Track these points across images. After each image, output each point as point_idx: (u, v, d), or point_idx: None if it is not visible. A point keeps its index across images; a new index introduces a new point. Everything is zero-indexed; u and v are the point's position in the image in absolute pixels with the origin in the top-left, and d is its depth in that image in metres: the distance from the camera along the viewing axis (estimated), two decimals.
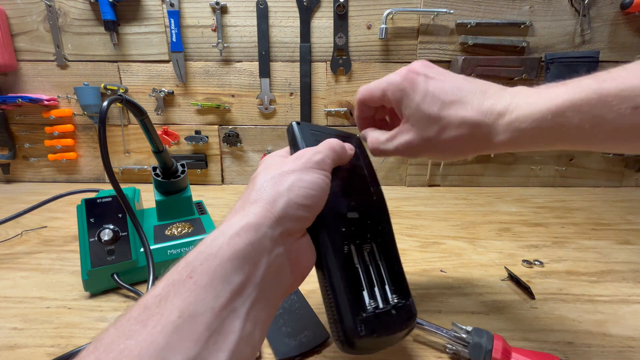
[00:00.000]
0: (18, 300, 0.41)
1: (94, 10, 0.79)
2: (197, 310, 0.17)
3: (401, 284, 0.29)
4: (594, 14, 0.78)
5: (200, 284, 0.18)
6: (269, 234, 0.21)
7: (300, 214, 0.23)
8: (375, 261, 0.29)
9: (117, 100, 0.36)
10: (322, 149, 0.27)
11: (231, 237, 0.20)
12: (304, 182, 0.24)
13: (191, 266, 0.19)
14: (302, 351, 0.32)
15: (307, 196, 0.23)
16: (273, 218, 0.22)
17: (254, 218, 0.21)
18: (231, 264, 0.19)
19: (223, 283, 0.19)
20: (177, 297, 0.17)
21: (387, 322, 0.26)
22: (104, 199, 0.43)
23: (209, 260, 0.19)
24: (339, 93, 0.84)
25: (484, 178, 0.89)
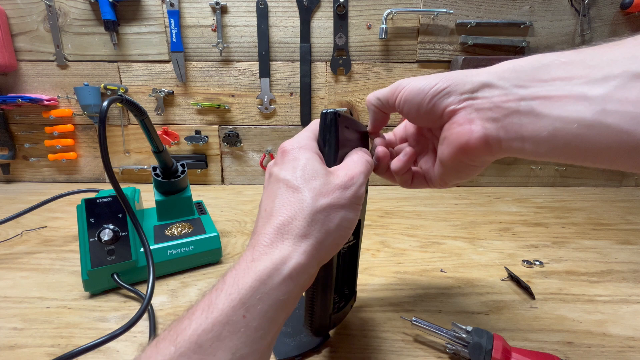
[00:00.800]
0: (18, 300, 0.41)
1: (94, 10, 0.79)
2: (247, 352, 0.18)
3: (354, 278, 0.35)
4: (594, 14, 0.78)
5: (252, 325, 0.19)
6: (311, 274, 0.22)
7: (334, 252, 0.24)
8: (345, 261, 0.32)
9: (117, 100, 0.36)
10: (364, 179, 0.25)
11: (285, 280, 0.20)
12: (348, 222, 0.23)
13: (246, 305, 0.19)
14: (302, 351, 0.32)
15: (346, 237, 0.24)
16: (319, 259, 0.22)
17: (305, 259, 0.21)
18: (280, 306, 0.20)
19: (271, 324, 0.19)
20: (229, 338, 0.18)
21: (341, 312, 0.33)
22: (104, 199, 0.43)
23: (262, 301, 0.19)
24: (339, 93, 0.84)
25: (484, 178, 0.89)
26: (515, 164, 0.88)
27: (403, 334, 0.35)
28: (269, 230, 0.22)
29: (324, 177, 0.23)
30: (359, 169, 0.25)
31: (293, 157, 0.25)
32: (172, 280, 0.45)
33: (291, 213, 0.22)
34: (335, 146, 0.26)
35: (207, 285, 0.44)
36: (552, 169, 0.88)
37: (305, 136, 0.27)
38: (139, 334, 0.35)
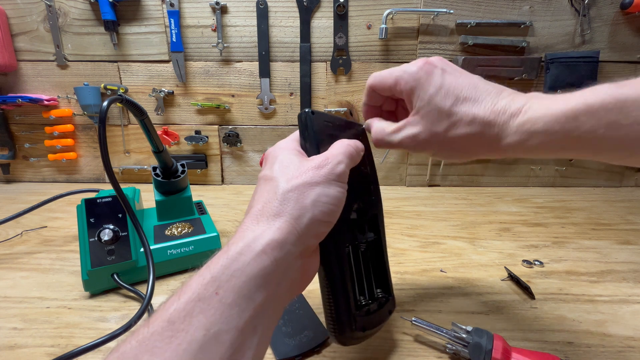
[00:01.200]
0: (18, 300, 0.41)
1: (94, 10, 0.79)
2: (222, 329, 0.17)
3: (386, 280, 0.32)
4: (594, 14, 0.78)
5: (226, 302, 0.18)
6: (292, 252, 0.21)
7: (322, 230, 0.23)
8: (366, 258, 0.30)
9: (117, 100, 0.36)
10: (343, 157, 0.25)
11: (258, 255, 0.20)
12: (327, 198, 0.23)
13: (217, 282, 0.19)
14: (302, 351, 0.32)
15: (329, 212, 0.23)
16: (297, 235, 0.21)
17: (279, 234, 0.21)
18: (256, 282, 0.19)
19: (247, 301, 0.19)
20: (202, 314, 0.17)
21: (374, 317, 0.29)
22: (104, 199, 0.43)
23: (235, 277, 0.19)
24: (339, 93, 0.84)
25: (484, 178, 0.89)
26: (515, 164, 0.88)
27: (403, 334, 0.35)
28: (246, 220, 0.22)
29: (298, 163, 0.24)
30: (336, 151, 0.25)
31: (273, 156, 0.26)
32: (172, 280, 0.45)
33: (265, 199, 0.23)
34: (314, 140, 0.27)
35: None
36: (552, 169, 0.88)
37: (287, 140, 0.28)
38: None
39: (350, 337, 0.27)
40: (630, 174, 0.88)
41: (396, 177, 0.89)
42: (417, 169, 0.88)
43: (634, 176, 0.88)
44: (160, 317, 0.18)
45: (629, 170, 0.88)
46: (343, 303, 0.26)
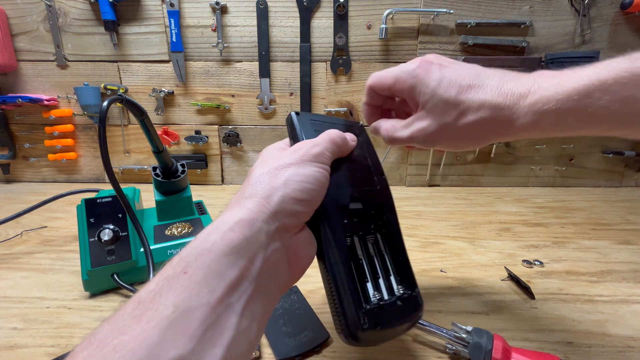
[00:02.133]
0: (18, 300, 0.41)
1: (94, 10, 0.79)
2: (192, 306, 0.17)
3: (407, 274, 0.29)
4: (594, 14, 0.78)
5: (195, 279, 0.18)
6: (264, 229, 0.21)
7: (297, 208, 0.23)
8: (380, 252, 0.28)
9: (117, 100, 0.36)
10: (321, 141, 0.26)
11: (225, 233, 0.20)
12: (301, 176, 0.23)
13: (185, 261, 0.18)
14: (302, 351, 0.32)
15: (304, 190, 0.23)
16: (268, 213, 0.21)
17: (248, 213, 0.21)
18: (226, 259, 0.19)
19: (218, 278, 0.18)
20: (171, 293, 0.17)
21: (391, 314, 0.25)
22: (104, 199, 0.43)
23: (204, 255, 0.19)
24: (339, 93, 0.84)
25: (484, 178, 0.89)
26: (515, 164, 0.88)
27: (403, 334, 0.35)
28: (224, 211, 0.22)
29: (277, 154, 0.26)
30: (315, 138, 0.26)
31: (260, 155, 0.28)
32: None
33: (241, 188, 0.24)
34: (299, 137, 0.27)
35: None
36: (552, 169, 0.88)
37: (277, 142, 0.30)
38: None
39: (363, 335, 0.24)
40: (630, 174, 0.88)
41: (396, 177, 0.89)
42: (417, 169, 0.88)
43: (634, 176, 0.88)
44: (131, 299, 0.18)
45: (629, 170, 0.88)
46: (348, 296, 0.24)
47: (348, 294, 0.24)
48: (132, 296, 0.18)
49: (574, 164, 0.87)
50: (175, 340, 0.16)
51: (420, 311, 0.28)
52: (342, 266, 0.25)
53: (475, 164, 0.88)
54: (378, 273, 0.27)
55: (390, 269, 0.28)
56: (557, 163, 0.87)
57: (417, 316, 0.27)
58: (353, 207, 0.27)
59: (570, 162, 0.87)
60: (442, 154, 0.86)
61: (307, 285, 0.42)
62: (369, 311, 0.24)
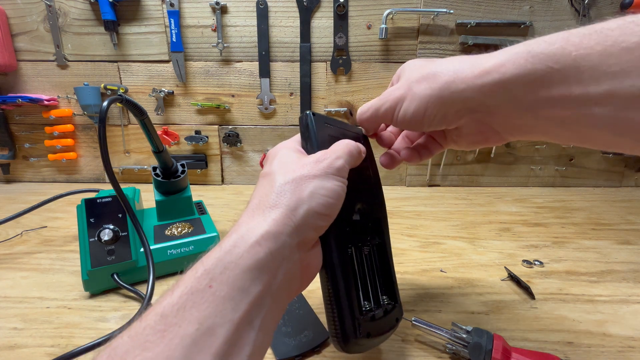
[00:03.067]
0: (18, 300, 0.41)
1: (94, 10, 0.79)
2: (216, 322, 0.17)
3: (391, 286, 0.31)
4: (594, 14, 0.78)
5: (220, 295, 0.18)
6: (287, 243, 0.21)
7: (320, 223, 0.23)
8: (371, 263, 0.30)
9: (117, 100, 0.36)
10: (342, 154, 0.25)
11: (252, 246, 0.19)
12: (325, 190, 0.22)
13: (210, 275, 0.18)
14: (302, 351, 0.32)
15: (327, 205, 0.22)
16: (293, 226, 0.21)
17: (274, 226, 0.20)
18: (250, 274, 0.19)
19: (242, 294, 0.18)
20: (195, 308, 0.17)
21: (380, 324, 0.27)
22: (104, 199, 0.43)
23: (229, 269, 0.18)
24: (339, 93, 0.84)
25: (484, 178, 0.89)
26: (515, 164, 0.88)
27: (403, 334, 0.35)
28: (243, 215, 0.22)
29: (296, 159, 0.25)
30: (335, 147, 0.26)
31: (273, 155, 0.26)
32: (172, 280, 0.45)
33: (262, 193, 0.23)
34: (314, 140, 0.27)
35: None
36: (552, 169, 0.88)
37: (288, 140, 0.28)
38: None
39: (355, 343, 0.25)
40: (630, 174, 0.88)
41: (396, 177, 0.89)
42: (417, 169, 0.88)
43: (634, 176, 0.88)
44: (153, 311, 0.17)
45: (629, 170, 0.88)
46: (346, 306, 0.25)
47: (347, 304, 0.25)
48: (153, 306, 0.18)
49: (574, 164, 0.87)
50: (199, 358, 0.16)
51: (399, 322, 0.30)
52: (342, 277, 0.25)
53: (475, 164, 0.88)
54: (368, 283, 0.28)
55: (377, 280, 0.30)
56: (557, 163, 0.87)
57: (396, 326, 0.30)
58: (354, 219, 0.28)
59: (570, 162, 0.87)
60: (442, 155, 0.86)
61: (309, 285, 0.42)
62: (363, 322, 0.26)
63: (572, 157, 0.87)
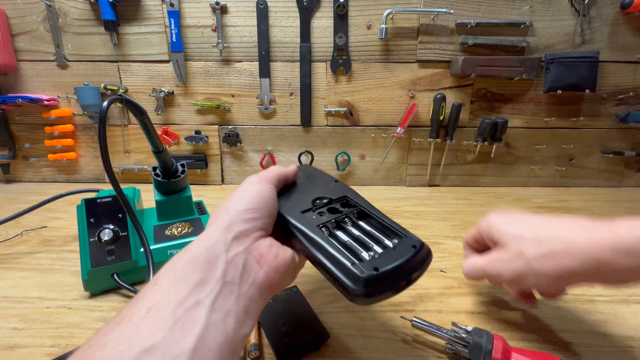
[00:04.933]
0: (18, 300, 0.41)
1: (94, 10, 0.79)
2: (161, 305, 0.20)
3: (390, 229, 0.30)
4: (594, 14, 0.78)
5: (164, 286, 0.21)
6: (221, 239, 0.24)
7: (247, 216, 0.27)
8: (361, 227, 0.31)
9: (117, 100, 0.36)
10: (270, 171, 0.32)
11: (188, 248, 0.24)
12: (245, 192, 0.29)
13: (157, 276, 0.23)
14: (302, 351, 0.32)
15: (246, 202, 0.28)
16: (224, 226, 0.25)
17: (206, 233, 0.26)
18: (190, 267, 0.22)
19: (183, 281, 0.21)
20: (145, 299, 0.21)
21: (389, 257, 0.26)
22: (104, 199, 0.43)
23: (171, 267, 0.23)
24: (339, 93, 0.84)
25: (484, 178, 0.89)
26: (515, 164, 0.88)
27: (403, 334, 0.35)
28: None
29: None
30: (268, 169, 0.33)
31: None
32: None
33: None
34: None
35: None
36: (552, 169, 0.88)
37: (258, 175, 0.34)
38: None
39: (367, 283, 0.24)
40: (630, 174, 0.88)
41: (396, 177, 0.89)
42: (417, 169, 0.88)
43: (634, 176, 0.88)
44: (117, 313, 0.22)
45: (628, 170, 0.88)
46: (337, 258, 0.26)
47: (337, 257, 0.26)
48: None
49: (574, 164, 0.87)
50: (148, 332, 0.19)
51: (423, 248, 0.27)
52: (323, 243, 0.27)
53: (475, 164, 0.88)
54: (367, 243, 0.29)
55: (375, 234, 0.30)
56: (557, 163, 0.87)
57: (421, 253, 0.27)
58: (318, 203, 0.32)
59: (570, 162, 0.87)
60: (442, 155, 0.86)
61: (308, 286, 0.42)
62: (365, 263, 0.25)
63: (572, 157, 0.87)
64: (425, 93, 0.83)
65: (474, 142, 0.84)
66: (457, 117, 0.80)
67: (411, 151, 0.87)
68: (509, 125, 0.83)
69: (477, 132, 0.84)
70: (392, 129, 0.85)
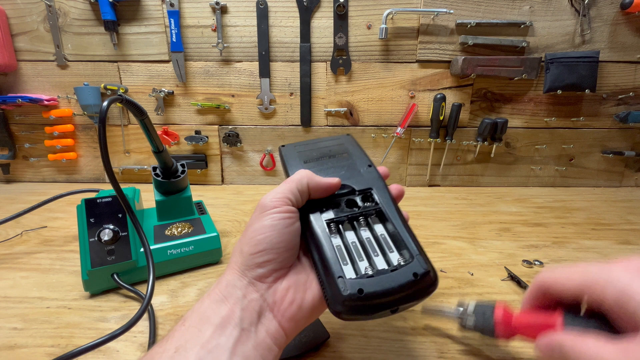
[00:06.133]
0: (18, 300, 0.41)
1: (94, 10, 0.79)
2: (187, 346, 0.22)
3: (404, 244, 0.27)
4: (594, 14, 0.78)
5: (190, 326, 0.23)
6: (238, 284, 0.25)
7: (258, 260, 0.25)
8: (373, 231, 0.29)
9: (117, 100, 0.36)
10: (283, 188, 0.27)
11: (212, 290, 0.25)
12: (254, 232, 0.26)
13: (186, 316, 0.24)
14: (302, 351, 0.32)
15: (257, 243, 0.25)
16: (239, 272, 0.25)
17: (225, 277, 0.26)
18: (212, 310, 0.24)
19: (207, 324, 0.23)
20: (173, 337, 0.23)
21: (380, 280, 0.24)
22: (104, 199, 0.43)
23: (198, 307, 0.24)
24: (339, 93, 0.84)
25: (484, 178, 0.89)
26: (515, 164, 0.88)
27: (403, 334, 0.35)
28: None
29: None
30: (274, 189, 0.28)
31: None
32: (172, 280, 0.45)
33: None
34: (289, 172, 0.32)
35: (207, 286, 0.44)
36: (552, 169, 0.88)
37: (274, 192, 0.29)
38: (139, 334, 0.35)
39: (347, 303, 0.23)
40: (630, 174, 0.88)
41: (396, 177, 0.89)
42: (417, 169, 0.88)
43: (634, 176, 0.88)
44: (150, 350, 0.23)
45: (629, 170, 0.88)
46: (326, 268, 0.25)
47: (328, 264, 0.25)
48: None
49: (574, 164, 0.87)
50: None
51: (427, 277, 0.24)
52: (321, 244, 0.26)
53: (475, 164, 0.88)
54: (372, 252, 0.27)
55: (384, 244, 0.28)
56: (557, 163, 0.87)
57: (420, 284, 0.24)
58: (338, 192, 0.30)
59: (570, 162, 0.87)
60: (442, 155, 0.86)
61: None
62: (353, 280, 0.24)
63: (572, 157, 0.87)
64: (425, 93, 0.84)
65: (474, 142, 0.84)
66: (457, 117, 0.80)
67: (411, 151, 0.87)
68: (509, 125, 0.83)
69: (477, 132, 0.84)
70: (392, 129, 0.85)
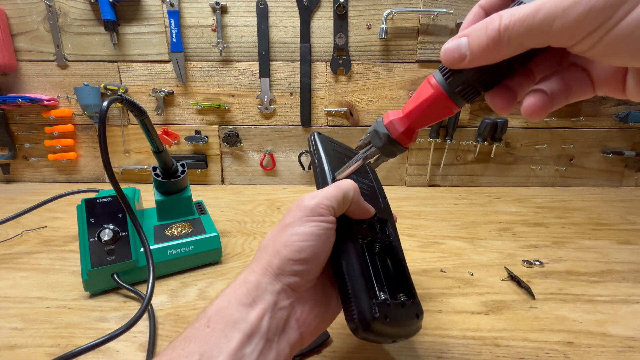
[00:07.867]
0: (18, 300, 0.41)
1: (94, 10, 0.79)
2: (213, 352, 0.20)
3: (407, 284, 0.30)
4: None
5: (215, 331, 0.21)
6: (269, 289, 0.23)
7: (297, 268, 0.24)
8: (383, 260, 0.30)
9: (117, 100, 0.36)
10: (331, 195, 0.26)
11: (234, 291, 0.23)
12: (297, 236, 0.24)
13: (209, 315, 0.22)
14: (302, 351, 0.32)
15: (300, 250, 0.24)
16: (272, 275, 0.24)
17: (255, 276, 0.24)
18: (239, 313, 0.22)
19: (234, 330, 0.21)
20: (197, 342, 0.20)
21: (398, 312, 0.26)
22: (104, 199, 0.43)
23: (220, 310, 0.22)
24: (339, 93, 0.84)
25: (484, 178, 0.89)
26: (515, 164, 0.88)
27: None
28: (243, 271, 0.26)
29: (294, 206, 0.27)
30: (327, 189, 0.26)
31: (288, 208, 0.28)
32: (172, 280, 0.45)
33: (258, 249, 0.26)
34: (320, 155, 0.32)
35: (207, 286, 0.44)
36: (552, 169, 0.88)
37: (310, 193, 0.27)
38: (139, 334, 0.35)
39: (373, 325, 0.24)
40: (630, 174, 0.88)
41: (396, 177, 0.89)
42: (417, 169, 0.88)
43: (634, 176, 0.88)
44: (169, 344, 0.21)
45: (629, 170, 0.88)
46: (360, 284, 0.25)
47: (361, 282, 0.25)
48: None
49: (574, 164, 0.87)
50: None
51: (421, 319, 0.28)
52: (355, 259, 0.25)
53: (475, 164, 0.88)
54: (382, 278, 0.28)
55: (391, 278, 0.29)
56: (557, 163, 0.87)
57: (419, 323, 0.28)
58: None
59: (570, 162, 0.87)
60: (442, 155, 0.86)
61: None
62: (379, 303, 0.25)
63: (572, 157, 0.87)
64: None
65: (474, 142, 0.84)
66: (457, 117, 0.80)
67: (411, 151, 0.87)
68: (509, 125, 0.83)
69: (477, 132, 0.84)
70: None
